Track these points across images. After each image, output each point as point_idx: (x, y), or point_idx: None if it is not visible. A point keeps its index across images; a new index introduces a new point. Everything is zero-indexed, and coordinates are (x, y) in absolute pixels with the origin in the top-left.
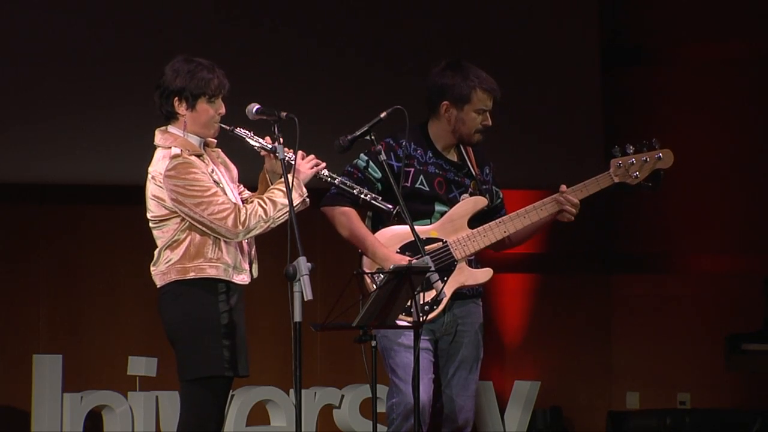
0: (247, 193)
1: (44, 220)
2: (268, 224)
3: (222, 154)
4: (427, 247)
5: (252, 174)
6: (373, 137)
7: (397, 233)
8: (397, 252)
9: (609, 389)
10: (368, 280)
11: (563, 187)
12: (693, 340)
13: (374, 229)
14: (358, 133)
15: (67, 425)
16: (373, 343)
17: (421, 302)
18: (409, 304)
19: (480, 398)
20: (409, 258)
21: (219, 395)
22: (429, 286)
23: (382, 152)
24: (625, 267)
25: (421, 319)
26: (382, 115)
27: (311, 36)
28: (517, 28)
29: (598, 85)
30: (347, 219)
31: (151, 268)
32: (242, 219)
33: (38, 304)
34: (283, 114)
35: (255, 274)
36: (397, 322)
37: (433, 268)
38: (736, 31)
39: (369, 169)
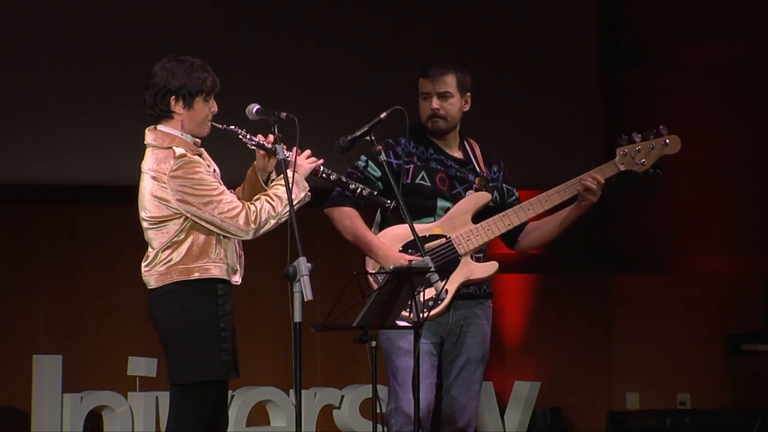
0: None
1: (44, 220)
2: (276, 220)
3: (206, 154)
4: (430, 244)
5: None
6: (373, 137)
7: (401, 232)
8: (400, 250)
9: (609, 389)
10: (371, 280)
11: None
12: (693, 340)
13: (382, 228)
14: (358, 133)
15: (67, 425)
16: (374, 344)
17: (422, 300)
18: (409, 303)
19: (480, 398)
20: (410, 257)
21: (212, 399)
22: (430, 285)
23: (382, 152)
24: (625, 267)
25: (421, 317)
26: (382, 115)
27: (311, 36)
28: (516, 28)
29: (598, 85)
30: (349, 219)
31: (144, 268)
32: (253, 217)
33: (38, 304)
34: (283, 114)
35: (242, 274)
36: (398, 322)
37: (433, 268)
38: (736, 31)
39: (368, 169)
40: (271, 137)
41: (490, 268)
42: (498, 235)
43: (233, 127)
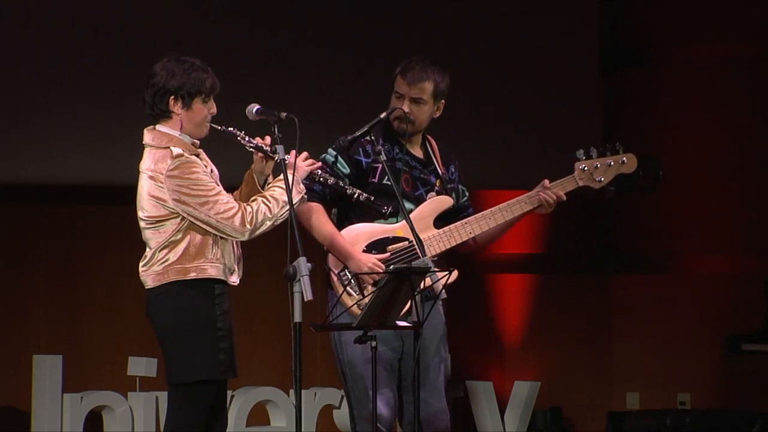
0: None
1: (44, 220)
2: (272, 222)
3: (204, 155)
4: (392, 247)
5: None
6: (373, 137)
7: (364, 231)
8: (363, 250)
9: (609, 389)
10: (334, 279)
11: (546, 182)
12: (693, 340)
13: (340, 225)
14: (358, 133)
15: (67, 425)
16: (373, 344)
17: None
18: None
19: (480, 398)
20: (374, 257)
21: (210, 399)
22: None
23: (381, 152)
24: (625, 267)
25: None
26: (382, 115)
27: (311, 36)
28: (517, 29)
29: (598, 86)
30: (314, 215)
31: (141, 268)
32: (249, 218)
33: (38, 304)
34: (283, 114)
35: (241, 275)
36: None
37: (433, 269)
38: (736, 31)
39: (337, 164)
40: (268, 139)
41: (451, 276)
42: (459, 242)
43: (232, 128)
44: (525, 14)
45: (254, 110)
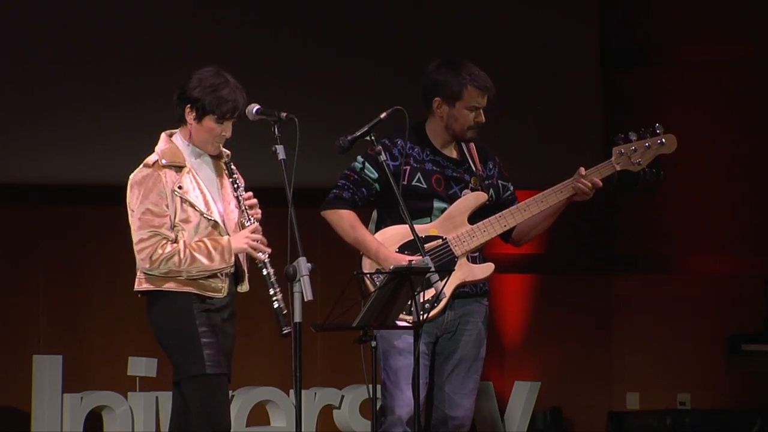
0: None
1: (44, 220)
2: (178, 272)
3: (231, 166)
4: (426, 245)
5: (253, 175)
6: (373, 137)
7: (397, 232)
8: (396, 251)
9: (609, 389)
10: (368, 282)
11: (582, 170)
12: (693, 340)
13: (379, 228)
14: (358, 133)
15: (67, 425)
16: (373, 344)
17: (421, 301)
18: (409, 304)
19: (480, 398)
20: (410, 257)
21: (224, 386)
22: (429, 285)
23: (382, 152)
24: (625, 267)
25: (421, 319)
26: (382, 115)
27: (311, 36)
28: (517, 29)
29: (599, 86)
30: (347, 222)
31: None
32: (155, 257)
33: (38, 305)
34: (283, 114)
35: (245, 288)
36: (397, 322)
37: (433, 268)
38: (736, 31)
39: (365, 171)
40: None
41: (486, 269)
42: (495, 236)
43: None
44: (525, 14)
45: (254, 110)
